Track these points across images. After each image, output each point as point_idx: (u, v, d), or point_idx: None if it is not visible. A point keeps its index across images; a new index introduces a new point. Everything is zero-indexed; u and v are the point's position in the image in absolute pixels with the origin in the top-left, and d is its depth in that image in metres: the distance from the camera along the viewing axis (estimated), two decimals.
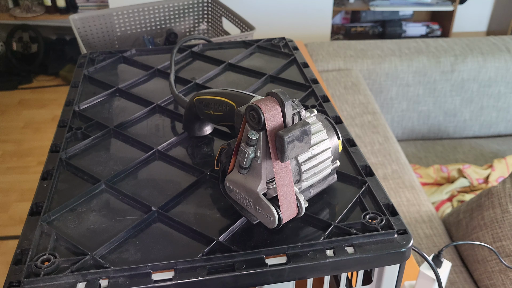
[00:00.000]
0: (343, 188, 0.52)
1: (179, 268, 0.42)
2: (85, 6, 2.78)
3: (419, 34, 3.04)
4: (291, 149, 0.41)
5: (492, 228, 0.97)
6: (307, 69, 0.76)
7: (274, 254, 0.43)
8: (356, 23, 3.08)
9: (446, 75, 1.65)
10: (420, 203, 1.21)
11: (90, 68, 0.77)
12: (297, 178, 0.46)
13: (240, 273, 0.41)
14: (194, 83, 0.72)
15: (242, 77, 0.76)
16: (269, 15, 2.02)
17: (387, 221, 0.46)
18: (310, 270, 0.43)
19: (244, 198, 0.45)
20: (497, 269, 0.95)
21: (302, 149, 0.42)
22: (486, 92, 1.70)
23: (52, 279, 0.40)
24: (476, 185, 1.45)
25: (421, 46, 1.68)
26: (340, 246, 0.44)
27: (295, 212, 0.44)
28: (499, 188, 1.00)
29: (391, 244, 0.44)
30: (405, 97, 1.69)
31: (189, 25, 1.34)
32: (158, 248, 0.44)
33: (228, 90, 0.52)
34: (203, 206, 0.50)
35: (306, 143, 0.42)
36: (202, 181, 0.53)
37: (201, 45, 0.84)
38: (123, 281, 0.41)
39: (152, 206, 0.49)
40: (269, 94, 0.42)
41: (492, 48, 1.67)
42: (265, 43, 0.85)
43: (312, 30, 2.11)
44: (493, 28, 3.10)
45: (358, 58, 1.62)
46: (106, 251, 0.44)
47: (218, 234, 0.45)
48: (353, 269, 0.45)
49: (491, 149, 1.67)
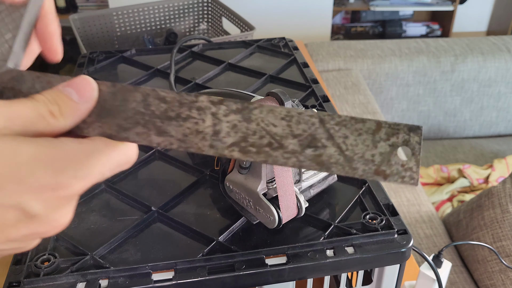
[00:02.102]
0: (343, 188, 0.52)
1: (179, 268, 0.42)
2: (85, 6, 2.78)
3: (419, 34, 3.04)
4: None
5: (492, 228, 0.97)
6: (307, 69, 0.76)
7: (274, 254, 0.43)
8: (356, 23, 3.07)
9: (446, 75, 1.65)
10: (420, 203, 1.21)
11: (90, 68, 0.77)
12: (297, 178, 0.46)
13: (240, 273, 0.41)
14: (194, 83, 0.72)
15: (242, 77, 0.75)
16: (269, 15, 2.02)
17: (387, 221, 0.46)
18: (310, 270, 0.43)
19: (244, 198, 0.45)
20: (497, 269, 0.95)
21: None
22: (486, 92, 1.70)
23: (52, 279, 0.40)
24: (476, 185, 1.45)
25: (421, 46, 1.68)
26: (340, 246, 0.44)
27: (295, 212, 0.44)
28: (499, 188, 1.00)
29: (391, 244, 0.44)
30: (405, 97, 1.68)
31: (189, 25, 1.34)
32: (158, 248, 0.44)
33: (228, 90, 0.52)
34: (203, 206, 0.50)
35: None
36: (202, 181, 0.53)
37: (201, 45, 0.84)
38: (123, 281, 0.41)
39: (152, 206, 0.49)
40: (269, 94, 0.42)
41: (492, 48, 1.67)
42: (265, 43, 0.85)
43: (312, 30, 2.11)
44: (493, 28, 3.10)
45: (358, 58, 1.62)
46: (106, 251, 0.44)
47: (218, 234, 0.45)
48: (353, 269, 0.45)
49: (491, 149, 1.67)
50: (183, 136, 0.26)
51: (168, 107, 0.27)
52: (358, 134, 0.26)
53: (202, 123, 0.26)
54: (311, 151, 0.26)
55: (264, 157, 0.26)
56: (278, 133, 0.26)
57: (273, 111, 0.26)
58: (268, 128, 0.26)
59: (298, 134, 0.26)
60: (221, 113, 0.26)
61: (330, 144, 0.25)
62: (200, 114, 0.26)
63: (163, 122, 0.27)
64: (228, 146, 0.26)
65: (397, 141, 0.25)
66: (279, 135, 0.26)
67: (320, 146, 0.26)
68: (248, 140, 0.26)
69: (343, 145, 0.26)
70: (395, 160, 0.25)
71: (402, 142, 0.25)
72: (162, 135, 0.27)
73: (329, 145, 0.25)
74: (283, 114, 0.26)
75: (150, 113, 0.27)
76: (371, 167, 0.25)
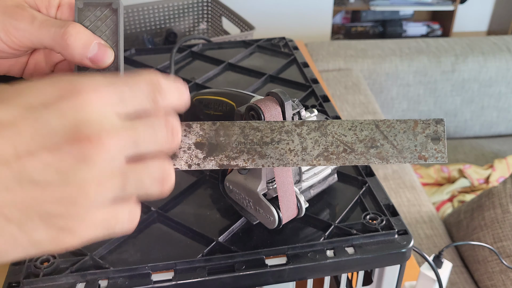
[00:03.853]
0: (343, 188, 0.52)
1: (178, 268, 0.42)
2: None
3: (419, 33, 3.04)
4: None
5: (492, 229, 0.97)
6: (307, 69, 0.76)
7: (274, 254, 0.43)
8: (357, 23, 3.07)
9: (446, 75, 1.65)
10: (420, 203, 1.21)
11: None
12: (297, 178, 0.46)
13: (240, 274, 0.41)
14: (193, 83, 0.72)
15: (242, 77, 0.75)
16: (269, 15, 2.02)
17: (387, 221, 0.46)
18: (310, 271, 0.43)
19: (244, 199, 0.45)
20: (498, 269, 0.94)
21: None
22: (486, 92, 1.70)
23: (51, 279, 0.40)
24: (476, 185, 1.45)
25: (421, 46, 1.68)
26: (340, 246, 0.44)
27: (295, 213, 0.44)
28: (499, 189, 1.00)
29: (392, 244, 0.44)
30: (406, 97, 1.68)
31: (189, 25, 1.34)
32: (157, 249, 0.44)
33: (228, 90, 0.52)
34: (203, 206, 0.50)
35: None
36: (202, 181, 0.53)
37: (200, 45, 0.84)
38: (123, 282, 0.41)
39: (151, 206, 0.48)
40: (269, 94, 0.42)
41: (492, 48, 1.67)
42: (265, 43, 0.85)
43: (312, 30, 2.11)
44: (494, 28, 3.10)
45: (359, 58, 1.62)
46: (106, 251, 0.44)
47: (218, 234, 0.45)
48: (354, 270, 0.45)
49: (491, 149, 1.67)
50: (280, 156, 0.33)
51: (263, 135, 0.33)
52: (404, 131, 0.34)
53: (292, 143, 0.33)
54: (374, 150, 0.34)
55: (342, 161, 0.34)
56: (349, 141, 0.34)
57: (342, 125, 0.34)
58: (341, 138, 0.34)
59: (363, 139, 0.34)
60: (304, 132, 0.34)
61: (386, 142, 0.34)
62: (288, 136, 0.33)
63: (262, 147, 0.33)
64: (315, 157, 0.33)
65: (430, 132, 0.34)
66: (350, 142, 0.34)
67: (379, 146, 0.34)
68: (328, 150, 0.34)
69: (395, 142, 0.34)
70: (430, 146, 0.34)
71: (433, 132, 0.34)
72: (264, 158, 0.33)
73: (385, 144, 0.34)
74: (349, 125, 0.34)
75: (250, 141, 0.33)
76: (415, 154, 0.34)
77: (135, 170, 0.26)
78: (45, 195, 0.24)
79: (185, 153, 0.33)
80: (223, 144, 0.33)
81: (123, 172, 0.26)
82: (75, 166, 0.24)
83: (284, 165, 0.33)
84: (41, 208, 0.24)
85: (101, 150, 0.24)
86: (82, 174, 0.24)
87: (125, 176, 0.26)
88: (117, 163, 0.25)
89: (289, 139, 0.33)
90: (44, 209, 0.24)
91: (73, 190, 0.24)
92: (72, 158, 0.24)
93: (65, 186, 0.24)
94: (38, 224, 0.24)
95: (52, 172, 0.24)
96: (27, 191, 0.23)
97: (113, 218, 0.26)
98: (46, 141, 0.24)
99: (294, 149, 0.33)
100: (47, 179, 0.24)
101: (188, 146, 0.33)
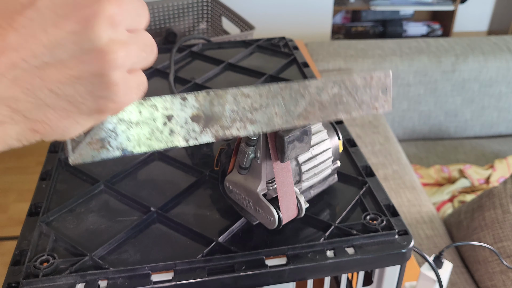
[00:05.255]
0: (343, 188, 0.52)
1: (178, 269, 0.42)
2: None
3: (420, 33, 3.04)
4: (291, 149, 0.40)
5: (493, 229, 0.97)
6: (307, 68, 0.76)
7: (274, 255, 0.43)
8: (357, 23, 3.07)
9: (447, 75, 1.65)
10: (421, 203, 1.20)
11: None
12: (297, 178, 0.46)
13: (240, 274, 0.41)
14: (193, 83, 0.72)
15: (242, 77, 0.75)
16: (269, 15, 2.02)
17: (387, 221, 0.46)
18: (310, 271, 0.43)
19: (244, 199, 0.45)
20: (498, 270, 0.94)
21: (302, 149, 0.41)
22: (487, 92, 1.69)
23: (51, 280, 0.40)
24: (477, 185, 1.45)
25: (422, 45, 1.68)
26: (340, 247, 0.44)
27: (295, 213, 0.44)
28: (500, 189, 1.00)
29: (392, 245, 0.44)
30: (406, 97, 1.68)
31: (189, 25, 1.34)
32: (157, 249, 0.44)
33: None
34: (202, 206, 0.49)
35: (306, 143, 0.41)
36: (202, 181, 0.53)
37: (200, 45, 0.84)
38: (122, 282, 0.40)
39: (151, 206, 0.48)
40: None
41: (493, 48, 1.67)
42: (265, 43, 0.85)
43: (313, 30, 2.11)
44: (494, 28, 3.10)
45: (359, 57, 1.62)
46: (105, 252, 0.44)
47: (217, 235, 0.45)
48: (354, 270, 0.45)
49: (492, 149, 1.66)
50: (268, 120, 0.35)
51: (253, 101, 0.34)
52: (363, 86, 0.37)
53: (277, 106, 0.35)
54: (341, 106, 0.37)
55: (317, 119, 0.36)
56: (323, 100, 0.36)
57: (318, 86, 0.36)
58: (317, 98, 0.36)
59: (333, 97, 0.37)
60: (287, 96, 0.35)
61: (350, 98, 0.37)
62: (274, 99, 0.35)
63: (252, 113, 0.35)
64: (296, 117, 0.36)
65: (380, 85, 0.37)
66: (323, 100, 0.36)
67: (345, 102, 0.37)
68: (307, 110, 0.36)
69: (356, 96, 0.37)
70: (380, 97, 0.38)
71: (382, 84, 0.37)
72: (254, 124, 0.35)
73: (349, 99, 0.37)
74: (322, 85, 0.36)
75: (242, 109, 0.34)
76: (370, 105, 0.37)
77: (136, 37, 0.29)
78: (82, 69, 0.26)
79: (182, 128, 0.33)
80: (218, 114, 0.34)
81: (129, 40, 0.28)
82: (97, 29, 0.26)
83: (271, 130, 0.35)
84: (84, 82, 0.27)
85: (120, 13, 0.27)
86: (106, 40, 0.26)
87: (132, 43, 0.28)
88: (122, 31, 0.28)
89: (275, 103, 0.35)
90: (86, 82, 0.27)
91: (100, 56, 0.26)
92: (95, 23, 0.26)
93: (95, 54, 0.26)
94: (85, 97, 0.27)
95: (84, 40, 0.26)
96: (66, 67, 0.26)
97: (137, 81, 0.30)
98: (68, 12, 0.26)
99: (279, 112, 0.35)
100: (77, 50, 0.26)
101: (185, 120, 0.33)
